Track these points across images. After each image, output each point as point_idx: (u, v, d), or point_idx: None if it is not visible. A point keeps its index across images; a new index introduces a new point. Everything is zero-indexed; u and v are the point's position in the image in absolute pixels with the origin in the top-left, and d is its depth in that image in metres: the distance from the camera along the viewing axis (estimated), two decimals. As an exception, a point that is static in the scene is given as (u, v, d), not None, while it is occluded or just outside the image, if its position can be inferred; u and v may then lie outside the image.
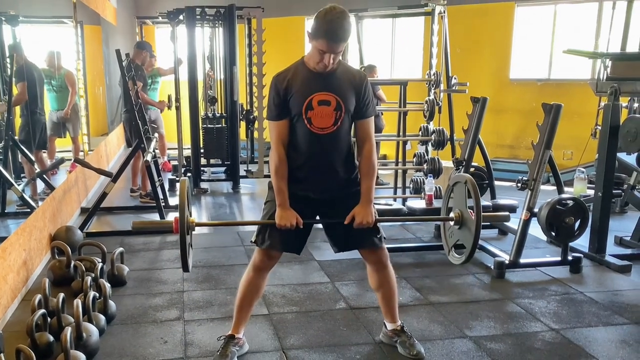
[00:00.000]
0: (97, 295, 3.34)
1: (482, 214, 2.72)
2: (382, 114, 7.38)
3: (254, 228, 2.90)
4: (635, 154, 4.48)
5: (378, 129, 7.20)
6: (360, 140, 2.78)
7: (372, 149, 2.75)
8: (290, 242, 2.83)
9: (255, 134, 7.49)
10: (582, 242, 4.54)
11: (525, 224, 4.28)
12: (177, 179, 7.30)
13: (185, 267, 2.63)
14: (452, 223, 2.92)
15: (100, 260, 3.93)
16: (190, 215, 2.67)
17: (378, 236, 2.85)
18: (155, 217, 5.44)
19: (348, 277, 4.15)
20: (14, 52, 4.74)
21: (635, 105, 5.87)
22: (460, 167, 5.17)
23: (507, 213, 3.06)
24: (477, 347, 3.12)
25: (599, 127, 5.13)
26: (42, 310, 2.98)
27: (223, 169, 7.66)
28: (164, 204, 5.79)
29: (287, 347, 3.10)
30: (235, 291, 2.98)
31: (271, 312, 3.55)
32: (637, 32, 6.33)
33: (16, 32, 4.80)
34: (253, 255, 2.88)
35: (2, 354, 2.68)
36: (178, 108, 7.30)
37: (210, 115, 7.35)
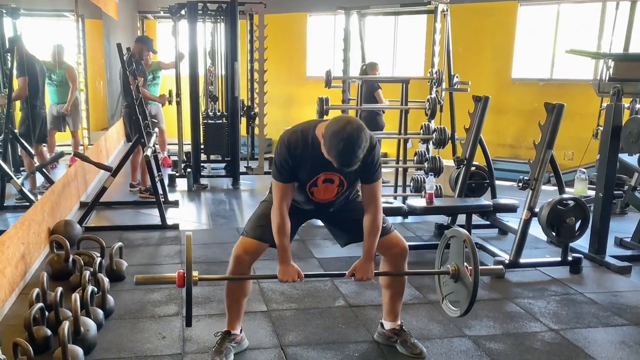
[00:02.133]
0: (96, 289, 3.33)
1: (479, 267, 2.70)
2: (383, 112, 7.36)
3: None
4: (637, 155, 4.47)
5: (379, 127, 7.18)
6: (366, 201, 2.75)
7: (377, 211, 2.73)
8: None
9: (256, 131, 7.48)
10: (583, 243, 4.53)
11: (526, 223, 4.27)
12: (177, 174, 7.29)
13: (188, 322, 2.62)
14: (448, 276, 2.90)
15: (99, 254, 3.92)
16: (192, 269, 2.62)
17: (383, 225, 2.84)
18: (155, 212, 5.42)
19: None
20: (15, 45, 4.72)
21: (638, 106, 5.85)
22: (462, 166, 5.16)
23: (501, 267, 3.05)
24: (476, 346, 3.11)
25: (601, 128, 5.11)
26: (40, 304, 2.97)
27: (223, 165, 7.64)
28: (163, 199, 5.77)
29: (285, 344, 3.10)
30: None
31: (270, 309, 3.54)
32: (640, 32, 6.31)
33: (17, 25, 4.78)
34: (232, 253, 2.83)
35: (-1, 348, 2.68)
36: (179, 103, 7.29)
37: (210, 111, 7.34)
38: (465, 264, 2.77)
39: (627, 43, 6.41)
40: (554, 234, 4.20)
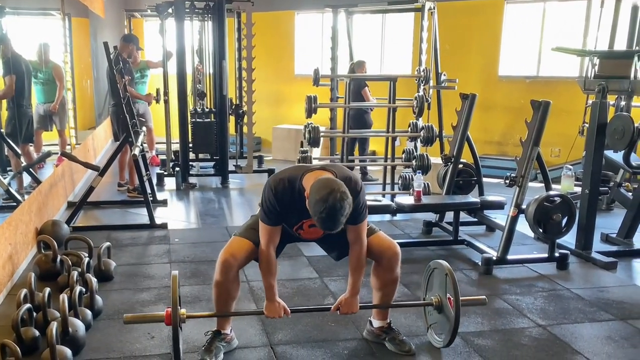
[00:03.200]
0: (84, 290, 3.32)
1: (460, 299, 2.82)
2: (371, 110, 7.38)
3: (243, 222, 2.90)
4: (622, 151, 4.51)
5: (367, 125, 7.20)
6: (351, 239, 2.81)
7: (361, 250, 2.80)
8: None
9: (245, 129, 7.47)
10: (569, 239, 4.57)
11: (513, 220, 4.30)
12: (165, 173, 7.27)
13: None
14: (432, 307, 3.02)
15: (86, 254, 3.90)
16: (180, 306, 2.68)
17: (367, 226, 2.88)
18: (143, 211, 5.41)
19: (336, 272, 4.15)
20: (1, 44, 4.68)
21: (623, 103, 5.91)
22: (449, 163, 5.19)
23: (484, 297, 3.12)
24: (465, 343, 3.13)
25: (587, 125, 5.15)
26: (28, 305, 2.96)
27: (212, 163, 7.63)
28: (151, 198, 5.76)
29: (275, 343, 3.10)
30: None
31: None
32: (624, 30, 6.36)
33: (2, 24, 4.75)
34: (219, 257, 2.83)
35: (-13, 349, 2.66)
36: (167, 102, 7.26)
37: (199, 109, 7.32)
38: (448, 295, 2.88)
39: (612, 40, 6.47)
40: (540, 230, 4.24)
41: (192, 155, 7.33)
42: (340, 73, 7.45)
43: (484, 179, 5.51)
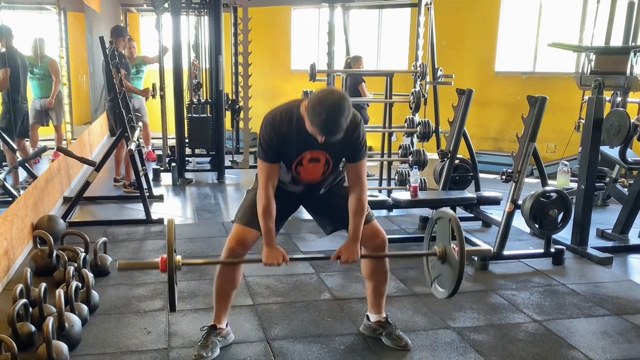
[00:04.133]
0: (80, 285, 3.31)
1: (465, 249, 2.71)
2: (367, 105, 7.38)
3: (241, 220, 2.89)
4: (618, 147, 4.52)
5: (364, 121, 7.19)
6: (351, 180, 2.76)
7: (362, 191, 2.73)
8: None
9: (241, 124, 7.45)
10: (565, 235, 4.58)
11: (509, 216, 4.30)
12: (162, 168, 7.26)
13: (172, 307, 2.63)
14: (435, 258, 2.91)
15: (83, 250, 3.90)
16: (176, 253, 2.63)
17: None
18: (139, 207, 5.39)
19: (333, 268, 4.15)
20: (-2, 37, 4.67)
21: (619, 99, 5.92)
22: (446, 159, 5.19)
23: (489, 248, 3.05)
24: (461, 338, 3.14)
25: (583, 121, 5.17)
26: (24, 300, 2.95)
27: (208, 159, 7.62)
28: (148, 194, 5.75)
29: (271, 338, 3.10)
30: (220, 282, 2.97)
31: (256, 303, 3.54)
32: (621, 26, 6.37)
33: (-2, 18, 4.73)
34: (225, 245, 2.83)
35: (-18, 344, 2.65)
36: (163, 97, 7.24)
37: (195, 101, 7.29)
38: (452, 245, 2.78)
39: (608, 36, 6.48)
40: (536, 226, 4.24)
41: (188, 151, 7.32)
42: (337, 68, 7.44)
43: (480, 175, 5.52)
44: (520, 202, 4.28)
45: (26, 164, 5.11)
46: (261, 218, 2.67)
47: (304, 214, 2.93)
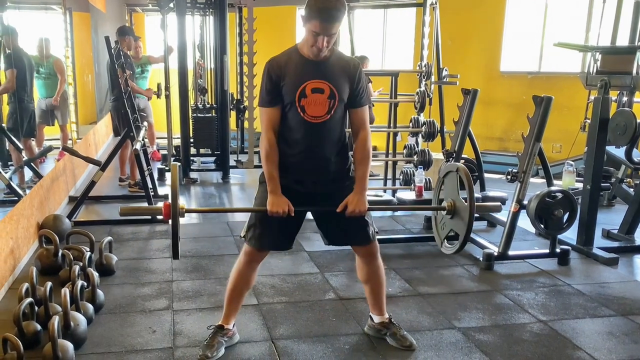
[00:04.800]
0: (85, 284, 3.32)
1: (475, 204, 2.67)
2: (373, 105, 7.38)
3: (244, 217, 2.89)
4: (624, 147, 4.50)
5: (370, 121, 7.20)
6: (355, 128, 2.74)
7: (366, 137, 2.71)
8: (280, 241, 2.85)
9: (246, 124, 7.46)
10: (570, 235, 4.56)
11: (514, 216, 4.30)
12: (167, 168, 7.27)
13: (175, 254, 2.60)
14: (444, 213, 2.87)
15: (88, 249, 3.91)
16: (177, 200, 2.60)
17: (370, 232, 2.84)
18: (144, 205, 5.40)
19: (337, 267, 4.15)
20: (4, 38, 4.68)
21: (625, 98, 5.90)
22: (451, 159, 5.18)
23: (499, 203, 3.01)
24: (466, 338, 3.13)
25: (588, 121, 5.15)
26: (30, 299, 2.96)
27: (213, 159, 7.63)
28: (153, 193, 5.76)
29: (276, 337, 3.10)
30: (225, 281, 2.97)
31: (260, 302, 3.54)
32: (627, 25, 6.34)
33: (4, 18, 4.74)
34: (243, 247, 2.86)
35: (-12, 343, 2.67)
36: (168, 97, 7.25)
37: (200, 105, 7.32)
38: (461, 198, 2.76)
39: (614, 36, 6.46)
40: (542, 226, 4.23)
41: (193, 150, 7.33)
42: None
43: (486, 175, 5.51)
44: (525, 202, 4.27)
45: (32, 164, 5.13)
46: (264, 164, 2.66)
47: (308, 215, 2.91)
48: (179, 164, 2.60)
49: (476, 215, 2.74)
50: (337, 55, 2.69)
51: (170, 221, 2.53)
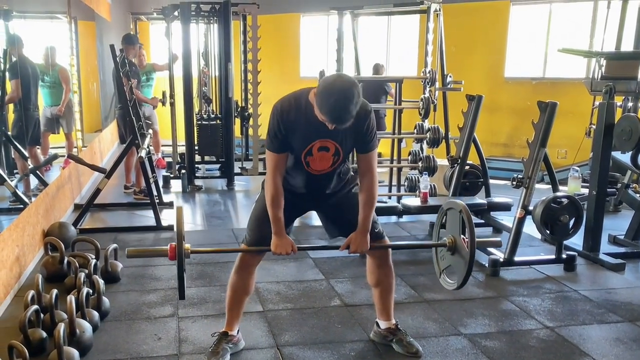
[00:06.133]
0: (91, 291, 3.32)
1: (475, 238, 2.69)
2: (385, 115, 7.41)
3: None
4: (630, 152, 4.49)
5: (382, 129, 7.23)
6: (362, 171, 2.72)
7: (373, 182, 2.70)
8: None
9: (250, 131, 7.47)
10: (576, 241, 4.54)
11: (520, 222, 4.28)
12: (172, 175, 7.28)
13: (181, 295, 2.62)
14: (445, 248, 2.88)
15: (93, 256, 3.91)
16: (184, 241, 2.62)
17: (377, 229, 2.87)
18: (149, 214, 5.41)
19: (342, 274, 4.14)
20: (9, 47, 4.70)
21: (630, 104, 5.89)
22: (455, 165, 5.17)
23: (499, 239, 3.04)
24: (472, 344, 3.12)
25: (594, 126, 5.14)
26: (35, 307, 2.96)
27: (217, 166, 7.63)
28: (158, 200, 5.76)
29: (281, 344, 3.10)
30: (230, 288, 2.97)
31: (266, 309, 3.54)
32: (631, 31, 6.33)
33: (10, 28, 4.76)
34: (238, 257, 2.86)
35: (-6, 350, 2.67)
36: (172, 104, 7.28)
37: (204, 115, 7.34)
38: (462, 236, 2.75)
39: (618, 41, 6.45)
40: (548, 232, 4.22)
41: (197, 158, 7.34)
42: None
43: (491, 181, 5.49)
44: (531, 208, 4.26)
45: (37, 172, 5.14)
46: (270, 207, 2.65)
47: (313, 220, 2.93)
48: (182, 206, 2.60)
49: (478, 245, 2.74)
50: None
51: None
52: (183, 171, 7.09)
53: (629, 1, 6.46)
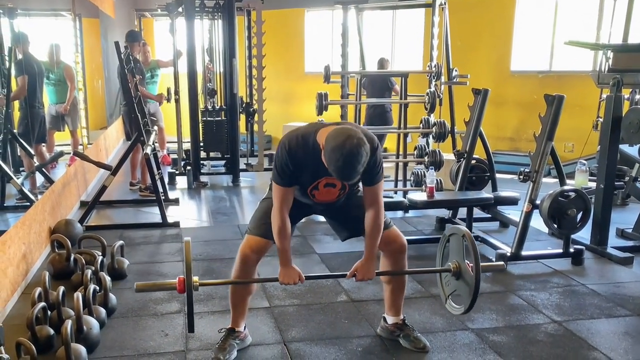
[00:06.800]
0: (98, 288, 3.32)
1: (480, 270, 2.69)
2: (391, 109, 7.38)
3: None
4: (638, 145, 4.46)
5: (389, 124, 7.21)
6: (367, 203, 2.72)
7: (378, 213, 2.70)
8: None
9: (255, 127, 7.47)
10: (584, 235, 4.52)
11: (527, 216, 4.26)
12: (177, 172, 7.29)
13: (191, 328, 2.62)
14: (449, 274, 2.88)
15: (100, 253, 3.91)
16: (192, 274, 2.60)
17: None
18: (155, 210, 5.42)
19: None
20: (15, 45, 4.71)
21: (637, 96, 5.85)
22: (462, 159, 5.15)
23: (502, 263, 3.06)
24: (480, 339, 3.11)
25: (601, 119, 5.10)
26: (43, 304, 2.96)
27: (223, 162, 7.63)
28: (163, 197, 5.77)
29: (288, 340, 3.09)
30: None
31: (272, 305, 3.53)
32: (639, 23, 6.28)
33: (15, 25, 4.77)
34: (238, 252, 2.83)
35: (2, 348, 2.67)
36: (177, 101, 7.28)
37: (210, 108, 7.33)
38: (466, 260, 2.76)
39: (626, 34, 6.39)
40: (555, 225, 4.20)
41: (203, 154, 7.34)
42: (351, 70, 7.43)
43: (497, 175, 5.46)
44: (538, 202, 4.24)
45: (43, 169, 5.15)
46: (277, 239, 2.69)
47: (319, 216, 2.92)
48: (189, 239, 2.62)
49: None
50: None
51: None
52: (188, 168, 7.10)
53: (636, -7, 6.41)
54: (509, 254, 4.22)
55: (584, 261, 4.29)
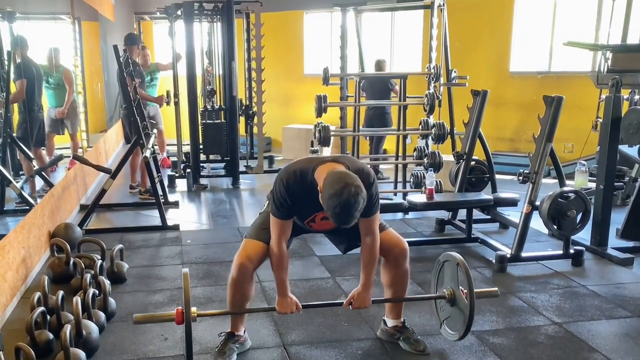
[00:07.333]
0: (97, 292, 3.32)
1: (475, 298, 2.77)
2: (391, 111, 7.39)
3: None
4: (637, 146, 4.45)
5: (389, 125, 7.21)
6: (363, 233, 2.76)
7: (374, 244, 2.75)
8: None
9: (255, 129, 7.47)
10: (584, 235, 4.51)
11: (527, 217, 4.26)
12: (177, 175, 7.29)
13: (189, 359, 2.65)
14: (444, 300, 2.96)
15: (99, 257, 3.91)
16: (190, 306, 2.63)
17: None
18: (155, 213, 5.41)
19: (349, 272, 4.13)
20: (14, 48, 4.71)
21: (637, 97, 5.84)
22: (461, 160, 5.15)
23: (496, 289, 3.11)
24: (480, 341, 3.10)
25: (600, 120, 5.10)
26: (42, 308, 2.96)
27: (222, 164, 7.63)
28: (163, 200, 5.76)
29: (288, 343, 3.09)
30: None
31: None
32: (637, 23, 6.28)
33: (14, 29, 4.77)
34: (235, 261, 2.82)
35: (1, 352, 2.67)
36: (177, 104, 7.28)
37: (209, 107, 7.32)
38: (460, 287, 2.83)
39: (624, 34, 6.39)
40: (555, 227, 4.19)
41: (202, 157, 7.34)
42: (350, 72, 7.43)
43: (497, 176, 5.46)
44: (537, 203, 4.24)
45: (43, 173, 5.15)
46: (275, 271, 2.76)
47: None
48: (187, 270, 2.66)
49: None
50: None
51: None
52: (188, 170, 7.09)
53: (635, -7, 6.41)
54: (509, 256, 4.21)
55: (584, 262, 4.28)
